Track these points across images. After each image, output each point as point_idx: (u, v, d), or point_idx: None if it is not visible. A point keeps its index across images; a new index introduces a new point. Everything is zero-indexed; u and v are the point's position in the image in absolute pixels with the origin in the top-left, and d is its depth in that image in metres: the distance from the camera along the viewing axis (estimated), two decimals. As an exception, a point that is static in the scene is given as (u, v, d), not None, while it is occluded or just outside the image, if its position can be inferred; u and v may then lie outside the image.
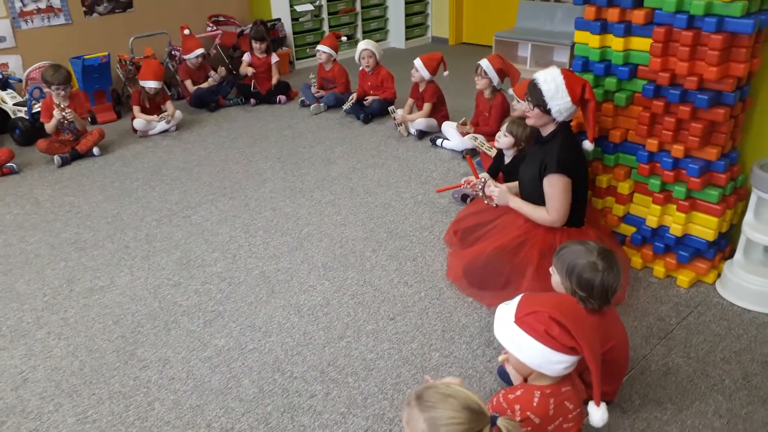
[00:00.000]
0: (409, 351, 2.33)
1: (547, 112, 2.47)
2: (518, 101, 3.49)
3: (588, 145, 2.57)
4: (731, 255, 2.64)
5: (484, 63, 3.96)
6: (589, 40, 2.64)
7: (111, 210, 3.56)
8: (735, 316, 2.45)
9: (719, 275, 2.64)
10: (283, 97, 5.40)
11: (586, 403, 1.63)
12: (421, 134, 4.44)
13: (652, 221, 2.65)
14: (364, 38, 6.98)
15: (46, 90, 4.28)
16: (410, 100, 4.58)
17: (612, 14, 2.52)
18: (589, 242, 1.99)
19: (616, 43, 2.54)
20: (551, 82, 2.43)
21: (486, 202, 2.77)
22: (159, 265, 2.97)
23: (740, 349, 2.27)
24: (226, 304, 2.65)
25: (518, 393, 1.61)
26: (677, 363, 2.21)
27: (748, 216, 2.47)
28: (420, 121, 4.43)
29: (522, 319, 1.56)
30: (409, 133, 4.49)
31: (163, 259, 3.02)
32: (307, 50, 6.69)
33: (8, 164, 4.07)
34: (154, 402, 2.13)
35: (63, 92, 4.13)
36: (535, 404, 1.57)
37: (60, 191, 3.83)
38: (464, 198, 3.44)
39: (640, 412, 2.01)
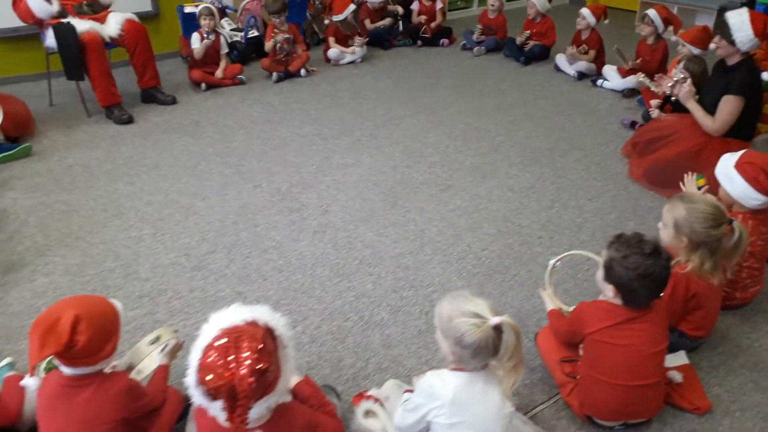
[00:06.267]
0: (609, 219, 3.04)
1: (732, 42, 3.04)
2: (683, 45, 4.03)
3: (766, 75, 3.13)
4: None
5: (651, 12, 4.52)
6: (775, -13, 3.18)
7: (334, 115, 4.40)
8: None
9: None
10: (445, 41, 6.11)
11: None
12: (581, 75, 5.04)
13: (812, 142, 3.20)
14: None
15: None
16: (571, 47, 5.18)
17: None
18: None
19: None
20: (737, 17, 3.02)
21: (669, 84, 3.41)
22: (389, 153, 3.78)
23: None
24: (453, 180, 3.43)
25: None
26: None
27: None
28: (581, 64, 5.03)
29: (740, 165, 2.23)
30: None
31: (390, 149, 3.82)
32: (458, 2, 7.36)
33: (239, 76, 5.00)
34: (430, 225, 2.94)
35: (278, 19, 5.01)
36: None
37: (286, 99, 4.72)
38: (632, 124, 4.06)
39: None
